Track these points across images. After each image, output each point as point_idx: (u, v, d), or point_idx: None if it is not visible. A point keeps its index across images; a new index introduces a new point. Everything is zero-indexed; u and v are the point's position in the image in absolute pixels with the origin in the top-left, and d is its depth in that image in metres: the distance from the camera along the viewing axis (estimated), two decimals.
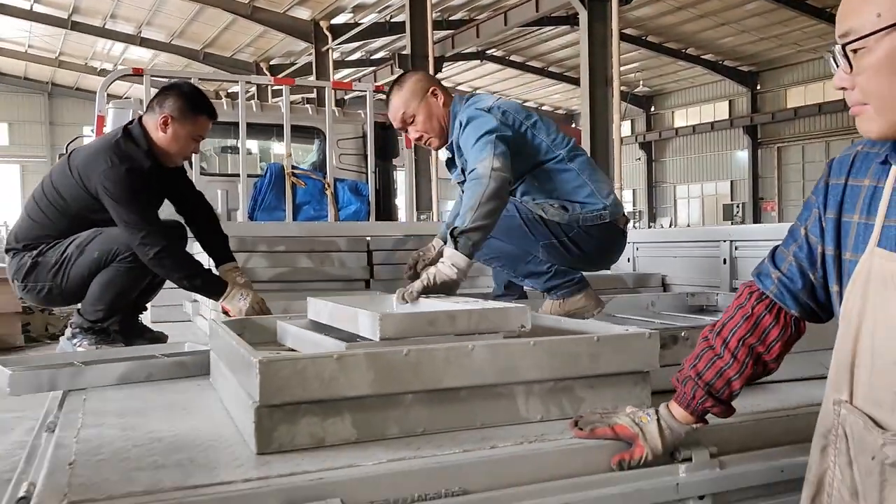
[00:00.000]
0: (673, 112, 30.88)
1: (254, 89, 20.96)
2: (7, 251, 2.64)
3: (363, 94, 5.61)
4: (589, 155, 2.59)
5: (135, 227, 2.40)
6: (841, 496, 1.16)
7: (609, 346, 1.57)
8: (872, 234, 1.16)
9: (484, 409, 1.49)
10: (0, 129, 33.91)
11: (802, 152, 26.18)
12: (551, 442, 1.40)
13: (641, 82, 27.42)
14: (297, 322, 1.99)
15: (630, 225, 2.76)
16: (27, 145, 34.26)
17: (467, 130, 2.34)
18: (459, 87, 29.50)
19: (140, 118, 2.59)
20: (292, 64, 24.62)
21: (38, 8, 22.87)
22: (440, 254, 2.30)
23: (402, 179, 6.62)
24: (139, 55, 26.92)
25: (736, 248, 3.10)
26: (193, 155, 2.73)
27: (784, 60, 25.68)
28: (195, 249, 2.82)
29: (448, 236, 2.14)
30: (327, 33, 20.62)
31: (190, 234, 2.77)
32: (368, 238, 3.06)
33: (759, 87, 27.44)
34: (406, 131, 2.53)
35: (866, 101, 1.10)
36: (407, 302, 2.03)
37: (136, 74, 4.96)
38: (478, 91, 31.55)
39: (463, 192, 2.36)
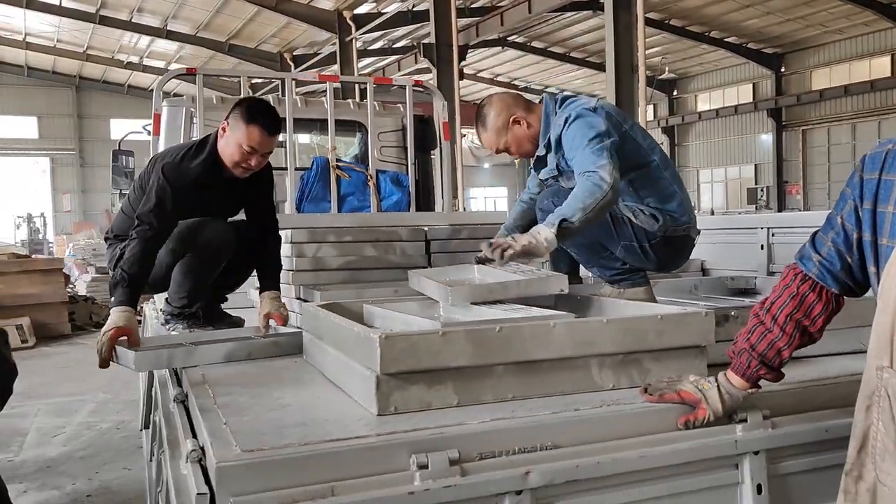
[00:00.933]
0: (696, 96, 30.70)
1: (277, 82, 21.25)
2: (105, 240, 2.91)
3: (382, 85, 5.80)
4: None
5: (142, 216, 2.54)
6: (885, 447, 1.37)
7: (671, 323, 1.78)
8: None
9: (563, 378, 1.72)
10: (30, 123, 34.49)
11: (828, 134, 25.94)
12: (626, 405, 1.62)
13: (667, 68, 27.27)
14: (381, 305, 2.23)
15: None
16: (56, 138, 34.86)
17: (574, 127, 2.40)
18: (480, 74, 29.54)
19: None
20: (316, 54, 24.80)
21: (67, 3, 23.27)
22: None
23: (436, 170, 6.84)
24: (165, 48, 27.30)
25: (773, 235, 3.28)
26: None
27: (809, 42, 25.38)
28: None
29: (555, 223, 2.23)
30: (350, 23, 20.74)
31: None
32: (426, 228, 3.29)
33: (783, 70, 27.17)
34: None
35: None
36: (497, 258, 2.28)
37: (190, 73, 5.20)
38: (499, 77, 31.04)
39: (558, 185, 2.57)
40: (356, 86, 14.81)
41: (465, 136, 17.59)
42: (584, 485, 1.48)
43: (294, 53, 25.63)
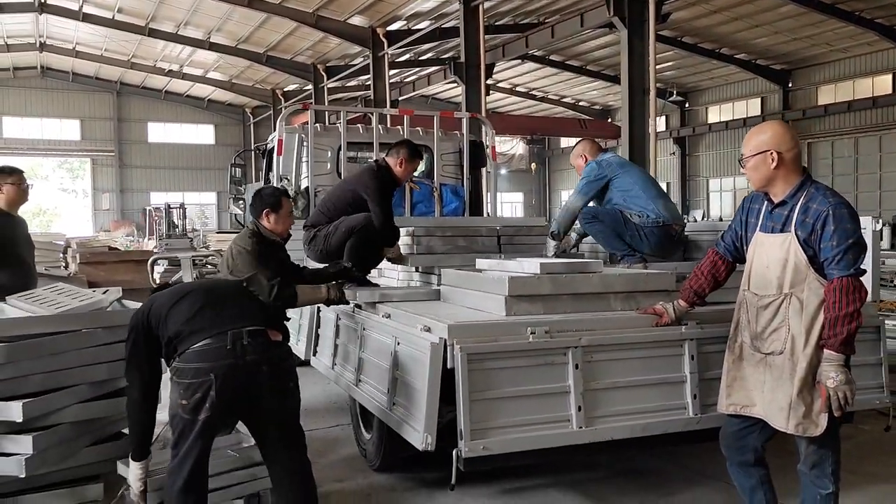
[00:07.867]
0: (707, 108, 31.94)
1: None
2: (304, 227, 4.60)
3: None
4: (628, 156, 4.52)
5: (378, 211, 4.35)
6: (745, 323, 2.94)
7: (652, 277, 3.42)
8: (758, 226, 2.95)
9: (596, 303, 3.34)
10: (73, 126, 36.33)
11: (832, 148, 27.01)
12: (628, 314, 3.26)
13: (675, 92, 28.75)
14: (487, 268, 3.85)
15: None
16: (97, 140, 36.62)
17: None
18: (500, 84, 30.93)
19: (383, 158, 4.52)
20: (347, 66, 26.21)
21: (120, 17, 24.90)
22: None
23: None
24: (205, 57, 28.86)
25: None
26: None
27: (815, 59, 26.39)
28: None
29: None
30: (384, 39, 22.18)
31: None
32: (498, 227, 4.91)
33: (790, 85, 28.26)
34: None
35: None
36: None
37: (304, 109, 6.89)
38: (518, 88, 31.87)
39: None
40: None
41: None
42: (608, 347, 3.13)
43: (327, 65, 27.03)
